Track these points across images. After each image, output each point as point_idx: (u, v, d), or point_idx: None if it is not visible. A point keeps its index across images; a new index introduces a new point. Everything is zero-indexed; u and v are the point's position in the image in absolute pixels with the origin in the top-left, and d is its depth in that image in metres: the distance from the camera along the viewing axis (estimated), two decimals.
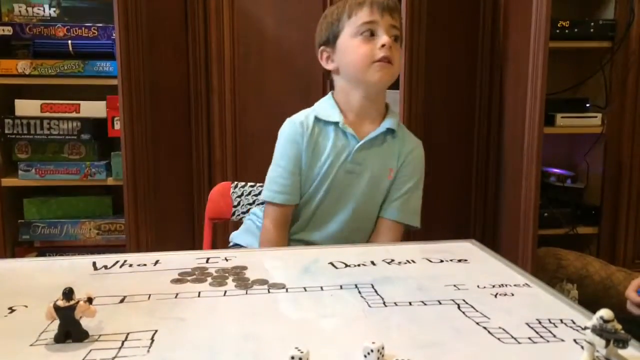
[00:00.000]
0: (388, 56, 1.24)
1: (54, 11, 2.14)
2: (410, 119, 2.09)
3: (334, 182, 1.30)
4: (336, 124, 1.29)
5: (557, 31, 2.13)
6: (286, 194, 1.30)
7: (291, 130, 1.32)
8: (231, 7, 2.18)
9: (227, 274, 0.98)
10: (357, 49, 1.26)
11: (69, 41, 2.09)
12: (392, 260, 1.06)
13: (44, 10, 2.13)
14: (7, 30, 2.08)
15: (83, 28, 2.09)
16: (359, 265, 1.04)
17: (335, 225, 1.32)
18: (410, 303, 0.85)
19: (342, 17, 1.28)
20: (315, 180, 1.30)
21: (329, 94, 1.37)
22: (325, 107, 1.33)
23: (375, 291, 0.90)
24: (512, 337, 0.73)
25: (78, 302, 0.71)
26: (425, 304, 0.85)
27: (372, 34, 1.26)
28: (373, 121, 1.32)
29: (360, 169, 1.29)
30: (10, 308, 0.83)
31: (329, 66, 1.33)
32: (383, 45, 1.24)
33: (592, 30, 2.16)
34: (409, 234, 2.13)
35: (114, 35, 2.01)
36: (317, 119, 1.31)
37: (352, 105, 1.31)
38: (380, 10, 1.25)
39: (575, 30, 2.15)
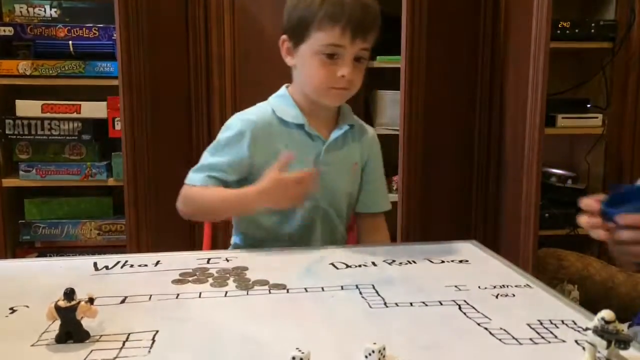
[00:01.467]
0: (347, 87, 1.17)
1: (55, 12, 2.14)
2: (411, 120, 2.09)
3: None
4: (300, 126, 1.22)
5: (558, 32, 2.13)
6: (205, 177, 1.19)
7: (247, 126, 1.21)
8: (232, 7, 2.18)
9: (228, 275, 0.98)
10: (316, 71, 1.16)
11: (70, 42, 2.09)
12: (393, 261, 1.06)
13: (44, 11, 2.13)
14: (8, 31, 2.08)
15: (84, 28, 2.09)
16: (360, 266, 1.04)
17: (307, 229, 1.27)
18: (411, 304, 0.85)
19: (312, 23, 1.15)
20: None
21: (284, 91, 1.27)
22: (284, 107, 1.24)
23: (377, 292, 0.90)
24: (514, 337, 0.73)
25: (79, 302, 0.71)
26: (426, 305, 0.85)
27: (336, 55, 1.15)
28: (330, 119, 1.27)
29: (329, 170, 1.23)
30: (11, 308, 0.83)
31: (287, 60, 1.23)
32: (343, 76, 1.15)
33: (592, 31, 2.16)
34: (408, 235, 2.13)
35: (114, 35, 2.01)
36: (278, 119, 1.22)
37: (309, 107, 1.24)
38: (352, 35, 1.13)
39: (576, 31, 2.15)
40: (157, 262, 1.05)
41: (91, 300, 0.73)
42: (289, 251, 1.15)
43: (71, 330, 0.72)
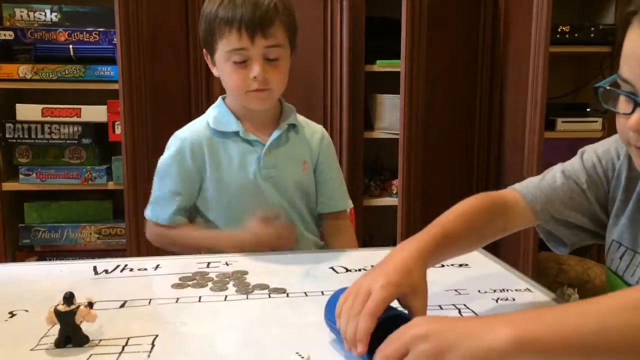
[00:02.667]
0: (261, 87, 1.15)
1: (55, 16, 2.14)
2: (411, 123, 2.09)
3: (254, 192, 1.22)
4: (235, 133, 1.21)
5: (558, 36, 2.13)
6: (171, 215, 1.21)
7: (179, 149, 1.22)
8: None
9: (227, 279, 0.98)
10: (230, 77, 1.17)
11: (70, 46, 2.09)
12: None
13: (45, 15, 2.14)
14: (9, 35, 2.08)
15: (84, 33, 2.09)
16: (360, 269, 1.03)
17: None
18: None
19: (214, 31, 1.15)
20: (230, 198, 1.22)
21: (220, 100, 1.27)
22: (219, 117, 1.23)
23: None
24: None
25: (78, 306, 0.71)
26: None
27: (244, 60, 1.14)
28: (270, 122, 1.25)
29: (275, 172, 1.22)
30: (10, 312, 0.83)
31: (213, 71, 1.24)
32: (255, 77, 1.14)
33: (592, 35, 2.16)
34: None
35: (115, 40, 2.01)
36: (214, 131, 1.22)
37: (245, 112, 1.23)
38: (250, 34, 1.11)
39: (576, 35, 2.15)
40: (157, 266, 1.05)
41: (90, 305, 0.73)
42: (289, 255, 1.15)
43: (70, 334, 0.71)
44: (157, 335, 0.75)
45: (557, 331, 0.57)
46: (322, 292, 0.91)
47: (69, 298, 0.71)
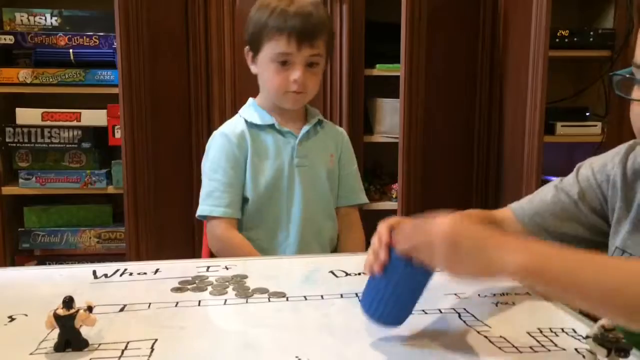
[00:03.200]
0: (300, 90, 1.27)
1: (56, 20, 2.14)
2: (411, 127, 2.09)
3: (288, 180, 1.32)
4: (271, 126, 1.32)
5: (557, 40, 2.13)
6: (225, 207, 1.29)
7: (224, 142, 1.32)
8: (232, 15, 2.19)
9: (227, 283, 0.98)
10: (272, 77, 1.28)
11: (70, 50, 2.09)
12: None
13: (45, 20, 2.14)
14: (9, 39, 2.09)
15: (84, 37, 2.10)
16: (359, 273, 1.03)
17: (300, 220, 1.32)
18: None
19: (263, 34, 1.26)
20: (268, 183, 1.31)
21: (251, 101, 1.38)
22: (253, 113, 1.34)
23: None
24: (513, 346, 0.73)
25: (78, 310, 0.71)
26: (426, 313, 0.84)
27: (287, 62, 1.26)
28: (298, 119, 1.37)
29: (307, 162, 1.33)
30: (10, 317, 0.83)
31: (252, 68, 1.35)
32: (295, 80, 1.26)
33: (591, 39, 2.16)
34: None
35: (115, 44, 2.02)
36: (250, 125, 1.32)
37: (276, 110, 1.34)
38: (298, 43, 1.23)
39: (575, 39, 2.16)
40: (157, 270, 1.05)
41: (90, 309, 0.73)
42: (289, 259, 1.15)
43: (70, 338, 0.71)
44: (156, 340, 0.75)
45: (572, 275, 0.61)
46: (322, 296, 0.91)
47: (68, 302, 0.71)
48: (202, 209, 1.32)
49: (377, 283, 0.77)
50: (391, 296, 0.75)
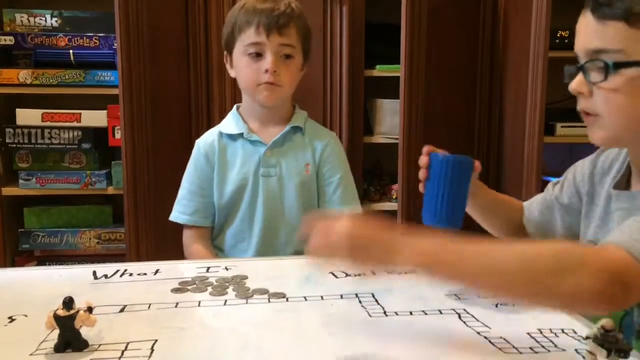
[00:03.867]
0: (272, 81, 1.26)
1: (56, 21, 2.14)
2: (411, 128, 2.09)
3: (251, 190, 1.31)
4: (240, 134, 1.32)
5: (557, 41, 2.13)
6: (189, 215, 1.34)
7: (195, 152, 1.36)
8: None
9: (227, 283, 0.98)
10: (244, 70, 1.28)
11: (71, 51, 2.09)
12: (393, 270, 1.06)
13: (45, 20, 2.14)
14: (9, 40, 2.08)
15: (84, 38, 2.10)
16: (359, 274, 1.03)
17: (261, 231, 1.32)
18: (411, 313, 0.85)
19: (235, 30, 1.28)
20: (232, 192, 1.32)
21: (234, 108, 1.39)
22: (229, 122, 1.36)
23: (376, 301, 0.90)
24: (514, 347, 0.73)
25: (78, 311, 0.71)
26: (426, 314, 0.85)
27: (259, 54, 1.26)
28: (278, 124, 1.35)
29: (275, 171, 1.31)
30: (10, 317, 0.83)
31: (231, 73, 1.35)
32: (267, 70, 1.25)
33: None
34: None
35: (115, 45, 2.02)
36: (221, 135, 1.34)
37: (254, 114, 1.34)
38: (266, 31, 1.24)
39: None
40: (157, 271, 1.05)
41: (90, 309, 0.73)
42: (289, 259, 1.15)
43: (70, 339, 0.71)
44: (156, 340, 0.75)
45: (452, 267, 0.72)
46: (322, 297, 0.91)
47: (68, 303, 0.71)
48: (172, 214, 1.40)
49: (429, 191, 0.92)
50: (444, 194, 0.90)
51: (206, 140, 1.35)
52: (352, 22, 2.16)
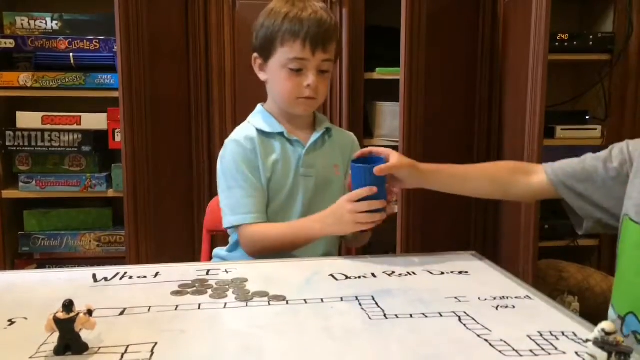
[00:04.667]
0: (312, 96, 1.26)
1: (56, 24, 2.15)
2: (410, 132, 2.09)
3: (291, 189, 1.30)
4: (280, 134, 1.30)
5: (556, 44, 2.14)
6: (255, 213, 1.25)
7: (238, 148, 1.29)
8: (232, 19, 2.20)
9: (227, 286, 0.98)
10: (284, 83, 1.26)
11: (71, 54, 2.10)
12: (393, 272, 1.06)
13: (46, 24, 2.14)
14: (10, 43, 2.09)
15: (84, 41, 2.10)
16: (359, 277, 1.03)
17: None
18: (411, 315, 0.85)
19: (276, 39, 1.25)
20: (272, 191, 1.29)
21: (260, 108, 1.36)
22: (262, 121, 1.32)
23: (376, 303, 0.90)
24: (514, 349, 0.73)
25: (78, 314, 0.71)
26: (426, 316, 0.84)
27: (301, 69, 1.25)
28: (307, 127, 1.35)
29: (312, 172, 1.31)
30: (10, 320, 0.83)
31: (260, 75, 1.33)
32: (309, 85, 1.24)
33: (591, 43, 2.17)
34: (408, 247, 2.13)
35: (115, 48, 2.02)
36: (260, 133, 1.30)
37: (285, 117, 1.33)
38: (312, 47, 1.23)
39: (574, 43, 2.16)
40: (157, 274, 1.05)
41: (90, 312, 0.73)
42: (289, 262, 1.15)
43: (70, 342, 0.71)
44: (156, 343, 0.75)
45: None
46: (322, 300, 0.91)
47: (68, 306, 0.71)
48: (232, 220, 1.26)
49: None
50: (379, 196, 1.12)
51: (246, 135, 1.29)
52: (352, 25, 2.16)
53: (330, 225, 1.18)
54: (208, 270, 1.07)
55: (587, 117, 2.30)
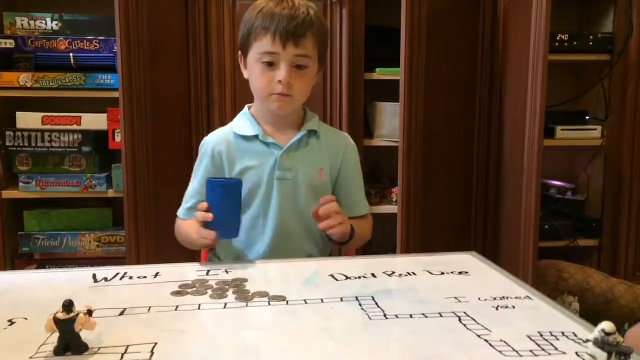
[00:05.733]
0: (284, 92, 1.23)
1: (56, 24, 2.15)
2: (410, 131, 2.09)
3: (266, 193, 1.28)
4: (255, 136, 1.29)
5: (556, 44, 2.14)
6: (190, 210, 1.30)
7: (204, 150, 1.33)
8: (232, 19, 2.20)
9: (227, 286, 0.98)
10: (258, 78, 1.25)
11: (71, 54, 2.10)
12: (393, 273, 1.06)
13: (45, 24, 2.15)
14: (10, 43, 2.09)
15: (84, 41, 2.10)
16: (359, 277, 1.03)
17: (272, 234, 1.29)
18: (411, 315, 0.85)
19: (251, 34, 1.25)
20: (247, 196, 1.28)
21: (245, 109, 1.36)
22: (242, 123, 1.32)
23: (376, 303, 0.90)
24: (514, 349, 0.73)
25: (78, 314, 0.71)
26: (426, 317, 0.84)
27: (273, 63, 1.23)
28: (291, 128, 1.32)
29: (290, 174, 1.29)
30: (9, 320, 0.83)
31: (244, 73, 1.32)
32: (280, 81, 1.22)
33: (590, 43, 2.17)
34: (408, 247, 2.13)
35: (115, 48, 2.02)
36: (235, 136, 1.31)
37: (266, 117, 1.31)
38: (282, 41, 1.21)
39: (574, 43, 2.16)
40: (156, 274, 1.05)
41: (90, 312, 0.73)
42: (289, 263, 1.15)
43: (70, 342, 0.71)
44: (156, 343, 0.75)
45: None
46: (322, 300, 0.91)
47: (68, 306, 0.71)
48: (179, 211, 1.38)
49: (211, 210, 1.13)
50: (217, 212, 1.13)
51: (218, 138, 1.32)
52: (352, 25, 2.16)
53: (195, 233, 1.19)
54: (208, 271, 1.07)
55: (587, 117, 2.30)
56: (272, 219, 1.28)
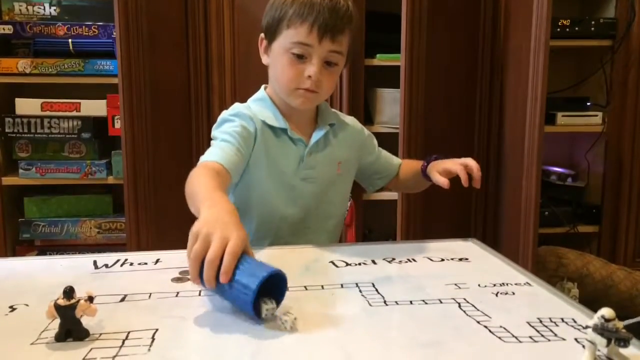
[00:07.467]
0: (313, 88, 1.15)
1: (55, 10, 2.13)
2: (411, 118, 2.09)
3: (287, 189, 1.22)
4: (283, 130, 1.21)
5: (558, 30, 2.12)
6: (221, 160, 1.09)
7: (245, 115, 1.18)
8: (231, 5, 2.18)
9: None
10: (285, 69, 1.15)
11: (70, 40, 2.09)
12: (393, 259, 1.06)
13: (44, 9, 2.13)
14: (8, 29, 2.08)
15: (83, 27, 2.09)
16: (359, 264, 1.03)
17: (289, 231, 1.25)
18: (411, 302, 0.85)
19: (283, 20, 1.14)
20: (264, 187, 1.21)
21: (262, 91, 1.26)
22: (265, 112, 1.22)
23: (376, 290, 0.90)
24: (513, 336, 0.73)
25: (79, 300, 0.71)
26: (426, 303, 0.85)
27: (304, 55, 1.13)
28: (308, 122, 1.25)
29: (314, 173, 1.23)
30: (11, 307, 0.83)
31: (263, 59, 1.23)
32: (310, 76, 1.13)
33: (592, 28, 2.16)
34: (408, 234, 2.13)
35: (114, 34, 2.01)
36: (264, 124, 1.20)
37: (287, 108, 1.22)
38: (320, 34, 1.11)
39: (576, 28, 2.15)
40: (157, 260, 1.05)
41: (91, 299, 0.73)
42: (289, 249, 1.15)
43: (71, 328, 0.72)
44: (157, 329, 0.75)
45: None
46: (322, 286, 0.91)
47: (69, 292, 0.71)
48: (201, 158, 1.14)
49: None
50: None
51: (253, 115, 1.19)
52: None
53: (205, 218, 0.85)
54: None
55: (588, 104, 2.30)
56: (290, 216, 1.23)
